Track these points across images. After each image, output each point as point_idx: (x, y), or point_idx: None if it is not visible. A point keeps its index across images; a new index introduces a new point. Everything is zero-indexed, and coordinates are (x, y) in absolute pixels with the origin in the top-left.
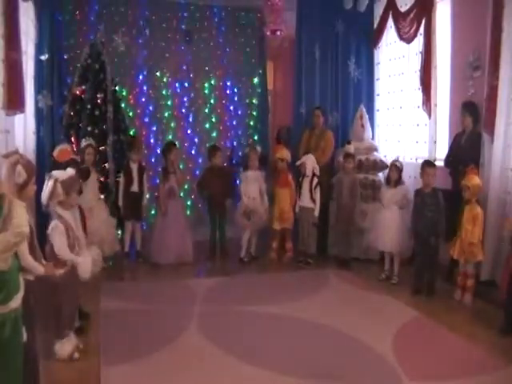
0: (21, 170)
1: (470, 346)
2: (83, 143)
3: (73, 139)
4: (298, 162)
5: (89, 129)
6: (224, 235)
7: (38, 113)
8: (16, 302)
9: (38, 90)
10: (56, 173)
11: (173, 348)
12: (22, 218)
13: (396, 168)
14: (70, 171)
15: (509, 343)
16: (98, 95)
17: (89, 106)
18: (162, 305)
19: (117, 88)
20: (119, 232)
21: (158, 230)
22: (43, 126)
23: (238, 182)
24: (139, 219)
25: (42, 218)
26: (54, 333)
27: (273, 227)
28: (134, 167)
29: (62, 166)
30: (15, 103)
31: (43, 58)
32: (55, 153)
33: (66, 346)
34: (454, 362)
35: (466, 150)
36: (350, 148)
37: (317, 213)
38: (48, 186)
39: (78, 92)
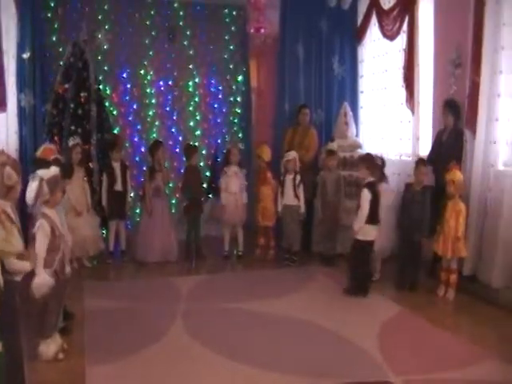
0: (10, 172)
1: (454, 339)
2: (71, 142)
3: (56, 138)
4: (288, 158)
5: (72, 128)
6: (199, 235)
7: (21, 112)
8: None
9: (20, 88)
10: (41, 172)
11: (158, 346)
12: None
13: (376, 165)
14: (54, 170)
15: (492, 336)
16: (82, 94)
17: (72, 105)
18: (146, 303)
19: (100, 86)
20: (103, 231)
21: (143, 229)
22: (25, 126)
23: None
24: (123, 218)
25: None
26: (39, 333)
27: (258, 224)
28: (117, 166)
29: (45, 165)
30: None
31: (25, 56)
32: (39, 152)
33: (50, 347)
34: (439, 356)
35: (448, 147)
36: (333, 145)
37: (303, 209)
38: (33, 185)
39: (60, 91)
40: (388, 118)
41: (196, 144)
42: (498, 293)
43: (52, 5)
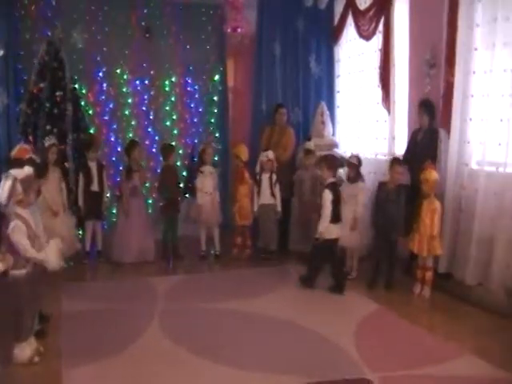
0: None
1: (429, 336)
2: (47, 142)
3: (31, 138)
4: (265, 158)
5: (47, 127)
6: (176, 235)
7: None
8: None
9: None
10: (14, 171)
11: (136, 347)
12: None
13: (352, 165)
14: (28, 169)
15: (466, 332)
16: (57, 93)
17: (47, 105)
18: (124, 304)
19: (76, 86)
20: (80, 231)
21: (120, 229)
22: None
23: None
24: (100, 218)
25: None
26: (14, 336)
27: (235, 224)
28: (93, 166)
29: (19, 165)
30: None
31: None
32: (14, 152)
33: (25, 350)
34: (415, 352)
35: (423, 147)
36: (310, 144)
37: (279, 208)
38: (7, 185)
39: (35, 90)
40: (364, 117)
41: (173, 143)
42: (472, 290)
43: (26, 2)
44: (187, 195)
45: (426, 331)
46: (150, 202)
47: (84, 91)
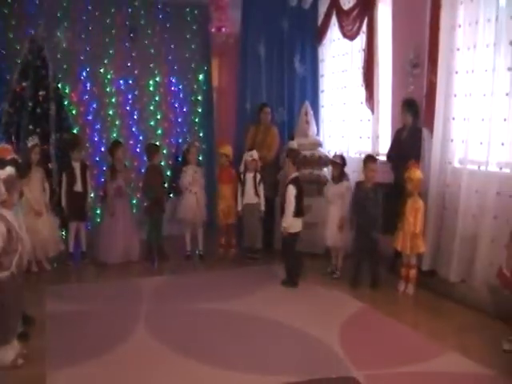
0: None
1: (413, 333)
2: (30, 143)
3: (13, 138)
4: (250, 158)
5: (30, 127)
6: (160, 235)
7: None
8: None
9: None
10: None
11: (121, 349)
12: None
13: (335, 164)
14: (10, 169)
15: (450, 330)
16: (40, 92)
17: (30, 104)
18: (109, 305)
19: (59, 85)
20: (63, 232)
21: (105, 230)
22: None
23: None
24: (84, 219)
25: None
26: None
27: (220, 223)
28: (77, 166)
29: (1, 165)
30: None
31: None
32: None
33: (8, 353)
34: (400, 350)
35: (407, 145)
36: (293, 144)
37: (263, 207)
38: None
39: (18, 89)
40: (348, 116)
41: (157, 143)
42: (455, 287)
43: (9, 0)
44: (171, 195)
45: (410, 329)
46: (135, 202)
47: (67, 91)
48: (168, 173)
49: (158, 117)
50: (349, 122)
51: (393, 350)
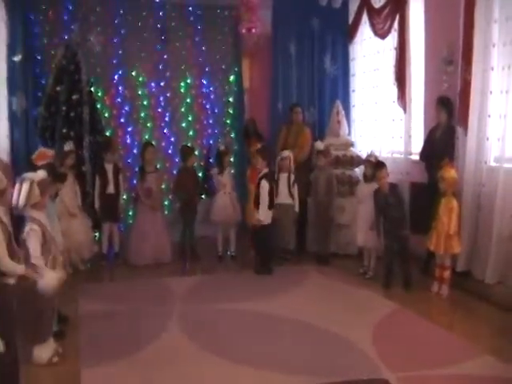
0: (1, 176)
1: (447, 335)
2: (66, 147)
3: (49, 142)
4: (282, 157)
5: (64, 131)
6: (193, 236)
7: (12, 115)
8: None
9: (12, 91)
10: (29, 175)
11: (154, 348)
12: None
13: (370, 163)
14: (42, 173)
15: (485, 332)
16: (74, 96)
17: (64, 108)
18: (141, 305)
19: (92, 89)
20: (96, 234)
21: (135, 232)
22: (17, 129)
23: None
24: (116, 221)
25: None
26: (34, 338)
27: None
28: (110, 168)
29: (34, 169)
30: None
31: (16, 59)
32: (34, 155)
33: (45, 351)
34: (433, 352)
35: (441, 144)
36: (320, 145)
37: (297, 208)
38: (24, 188)
39: (53, 93)
40: (380, 116)
41: (189, 145)
42: (491, 288)
43: (43, 7)
44: (203, 196)
45: (443, 330)
46: (167, 203)
47: (100, 94)
48: (199, 174)
49: (190, 118)
50: (381, 121)
51: (426, 351)
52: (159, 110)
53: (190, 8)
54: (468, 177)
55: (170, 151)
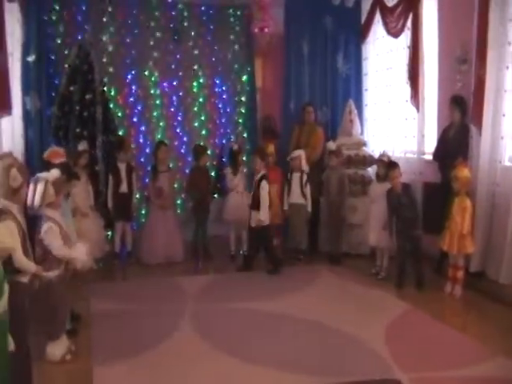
0: (16, 174)
1: (460, 336)
2: (80, 147)
3: (62, 141)
4: (292, 156)
5: (77, 130)
6: (206, 235)
7: (26, 115)
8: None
9: (26, 91)
10: (44, 175)
11: (166, 346)
12: (2, 234)
13: (382, 163)
14: (56, 172)
15: (499, 334)
16: (87, 96)
17: (77, 108)
18: (153, 304)
19: (105, 88)
20: (109, 233)
21: (147, 230)
22: (31, 129)
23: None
24: (129, 220)
25: None
26: (47, 335)
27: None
28: (123, 167)
29: (51, 168)
30: (2, 105)
31: (30, 59)
32: (46, 154)
33: (58, 348)
34: (446, 353)
35: (455, 144)
36: (332, 145)
37: (309, 208)
38: (39, 188)
39: (66, 93)
40: (393, 115)
41: (201, 144)
42: (506, 289)
43: (57, 7)
44: (216, 196)
45: (457, 331)
46: (179, 202)
47: (113, 93)
48: (212, 174)
49: (202, 118)
50: (393, 120)
51: (438, 352)
52: (172, 109)
53: (203, 8)
54: (482, 176)
55: (182, 150)
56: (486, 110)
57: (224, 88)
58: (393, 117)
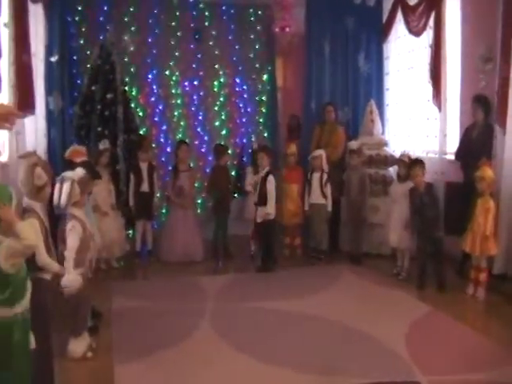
0: (40, 172)
1: (483, 340)
2: (102, 146)
3: (84, 140)
4: (313, 156)
5: (99, 129)
6: (226, 235)
7: (49, 114)
8: (21, 306)
9: (49, 91)
10: (69, 174)
11: (185, 345)
12: (27, 231)
13: (403, 163)
14: (80, 171)
15: None
16: (108, 95)
17: (99, 107)
18: (173, 303)
19: (126, 88)
20: (130, 232)
21: (167, 229)
22: (54, 128)
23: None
24: (150, 219)
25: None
26: (69, 332)
27: (284, 223)
28: (144, 167)
29: (74, 167)
30: (26, 105)
31: (53, 59)
32: (68, 153)
33: (79, 345)
34: (467, 356)
35: (478, 143)
36: (353, 145)
37: (329, 208)
38: (65, 187)
39: (88, 93)
40: (414, 115)
41: (222, 143)
42: None
43: (80, 8)
44: (236, 195)
45: (479, 334)
46: (200, 201)
47: (134, 93)
48: (233, 173)
49: (223, 117)
50: (415, 120)
51: (460, 355)
52: (193, 108)
53: (224, 7)
54: (506, 176)
55: (203, 150)
56: (510, 109)
57: (245, 87)
58: (414, 116)
